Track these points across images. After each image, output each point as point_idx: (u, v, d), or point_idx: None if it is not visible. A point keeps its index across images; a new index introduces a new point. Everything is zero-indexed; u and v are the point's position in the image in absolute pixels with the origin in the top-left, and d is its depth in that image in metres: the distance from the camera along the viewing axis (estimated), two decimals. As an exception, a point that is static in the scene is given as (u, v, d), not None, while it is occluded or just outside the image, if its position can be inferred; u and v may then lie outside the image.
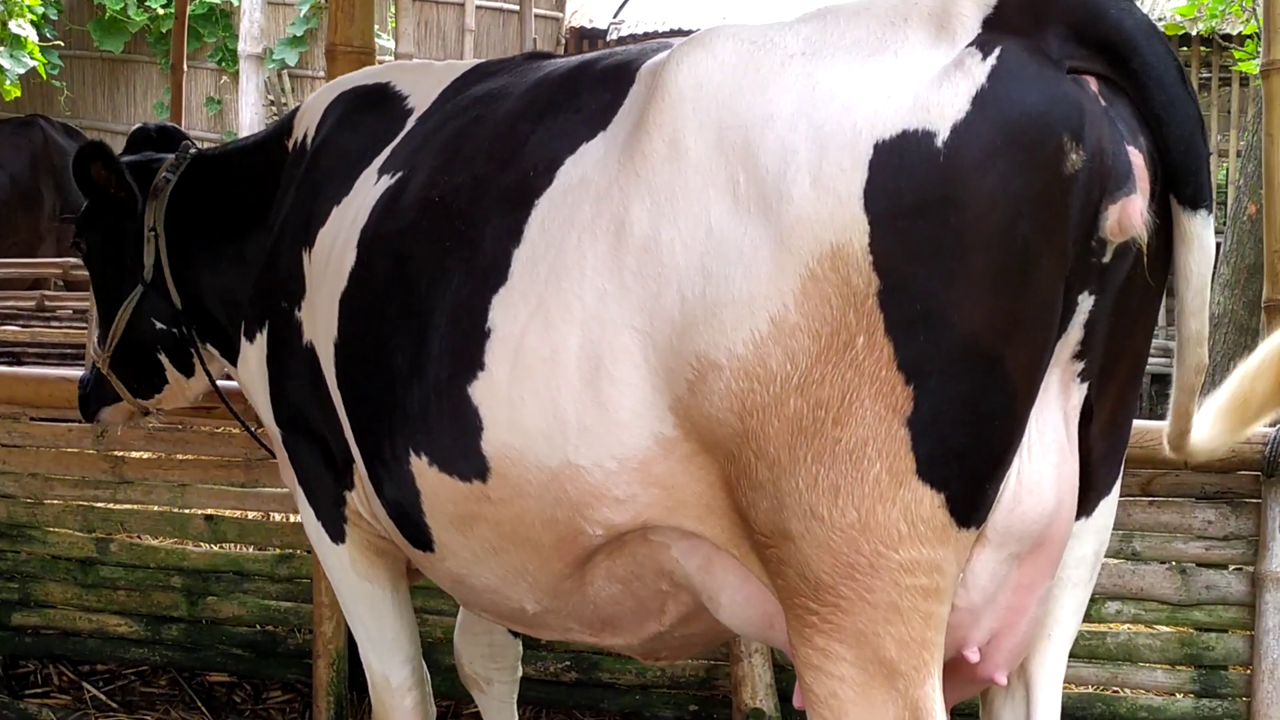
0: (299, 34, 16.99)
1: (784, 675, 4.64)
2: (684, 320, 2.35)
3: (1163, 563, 4.32)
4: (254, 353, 3.60)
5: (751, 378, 2.27)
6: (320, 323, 3.24)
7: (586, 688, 4.98)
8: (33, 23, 13.11)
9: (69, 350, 8.65)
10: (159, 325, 4.04)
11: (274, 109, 12.84)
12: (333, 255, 3.21)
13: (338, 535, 3.51)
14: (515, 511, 2.72)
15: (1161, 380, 12.52)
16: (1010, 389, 2.21)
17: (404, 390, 2.88)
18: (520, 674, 4.13)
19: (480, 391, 2.69)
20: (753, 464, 2.32)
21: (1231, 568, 4.29)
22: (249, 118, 14.03)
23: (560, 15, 18.86)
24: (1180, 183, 2.22)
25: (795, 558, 2.31)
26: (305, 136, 3.70)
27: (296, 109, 3.90)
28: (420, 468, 2.88)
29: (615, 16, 19.24)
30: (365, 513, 3.38)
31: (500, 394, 2.65)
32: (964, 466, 2.22)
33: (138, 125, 4.13)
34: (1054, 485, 2.37)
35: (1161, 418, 2.90)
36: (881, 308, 2.16)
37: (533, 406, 2.59)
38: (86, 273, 8.77)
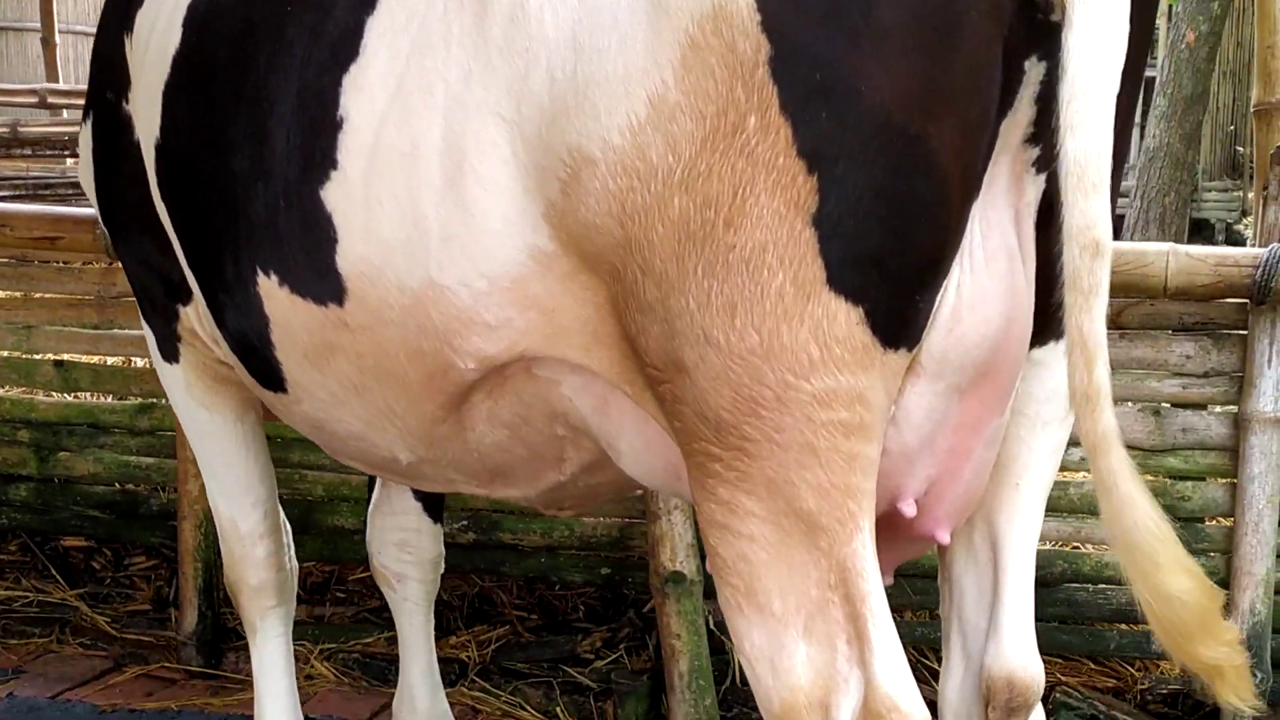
0: None
1: (707, 534, 4.22)
2: (554, 105, 1.98)
3: (1134, 403, 3.94)
4: (84, 144, 3.18)
5: (630, 173, 1.91)
6: (143, 119, 2.81)
7: (486, 550, 4.53)
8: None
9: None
10: None
11: None
12: (154, 38, 2.76)
13: (171, 354, 3.10)
14: (376, 341, 2.34)
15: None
16: (938, 175, 1.83)
17: (246, 197, 2.45)
18: (441, 570, 3.65)
19: (334, 195, 2.28)
20: (639, 280, 1.95)
21: (1212, 408, 3.91)
22: None
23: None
24: None
25: (691, 393, 1.94)
26: None
27: None
28: (269, 289, 2.46)
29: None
30: (203, 333, 2.97)
31: (356, 197, 2.26)
32: (886, 273, 1.86)
33: None
34: (1001, 300, 1.99)
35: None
36: (774, 79, 1.80)
37: (391, 212, 2.21)
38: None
